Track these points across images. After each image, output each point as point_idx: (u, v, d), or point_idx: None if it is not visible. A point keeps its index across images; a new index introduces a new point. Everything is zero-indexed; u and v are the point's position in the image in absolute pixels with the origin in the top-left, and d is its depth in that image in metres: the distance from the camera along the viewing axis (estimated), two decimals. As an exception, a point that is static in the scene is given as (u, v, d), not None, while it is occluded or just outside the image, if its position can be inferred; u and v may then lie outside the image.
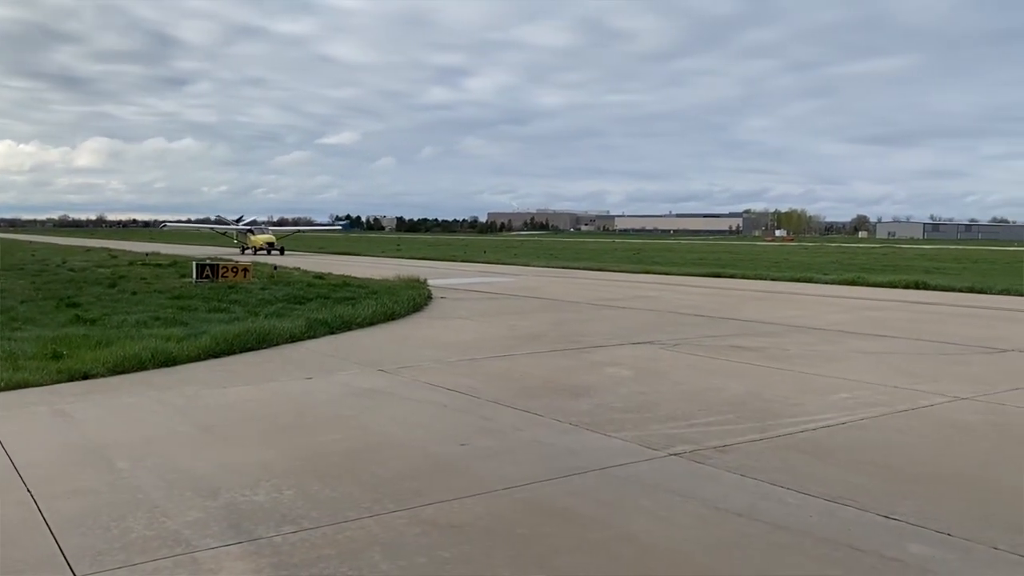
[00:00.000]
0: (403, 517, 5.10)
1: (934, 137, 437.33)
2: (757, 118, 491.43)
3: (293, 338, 12.53)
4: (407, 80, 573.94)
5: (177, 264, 30.81)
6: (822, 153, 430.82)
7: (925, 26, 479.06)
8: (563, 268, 36.78)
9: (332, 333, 13.48)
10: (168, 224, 70.40)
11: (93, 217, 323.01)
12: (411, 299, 17.79)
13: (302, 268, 30.36)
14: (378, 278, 24.02)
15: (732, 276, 30.38)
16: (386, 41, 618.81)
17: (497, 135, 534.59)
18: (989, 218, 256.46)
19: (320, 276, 24.93)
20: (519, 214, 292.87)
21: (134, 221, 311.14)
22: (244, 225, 59.14)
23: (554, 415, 7.84)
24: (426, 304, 18.64)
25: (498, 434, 7.16)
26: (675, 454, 6.53)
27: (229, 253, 47.05)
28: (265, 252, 50.44)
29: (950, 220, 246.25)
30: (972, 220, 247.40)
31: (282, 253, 50.60)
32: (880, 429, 7.41)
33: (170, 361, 10.43)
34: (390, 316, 15.58)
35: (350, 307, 15.59)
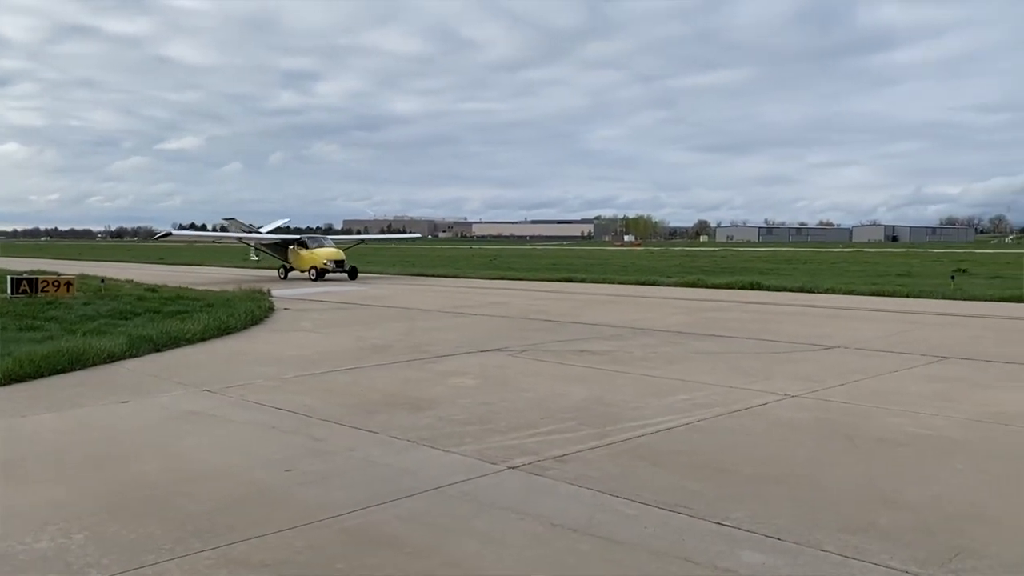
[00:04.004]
0: (210, 558, 4.57)
1: (767, 146, 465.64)
2: (606, 128, 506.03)
3: (112, 357, 11.49)
4: (253, 83, 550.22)
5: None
6: (667, 161, 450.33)
7: (754, 42, 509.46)
8: (419, 276, 36.32)
9: (158, 351, 12.48)
10: (172, 234, 39.25)
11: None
12: (249, 311, 16.86)
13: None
14: (217, 290, 22.74)
15: (583, 280, 30.93)
16: (229, 43, 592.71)
17: (350, 141, 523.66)
18: (816, 222, 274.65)
19: (152, 289, 23.30)
20: (376, 221, 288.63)
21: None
22: (269, 232, 39.15)
23: (392, 432, 7.45)
24: (267, 316, 17.74)
25: (328, 456, 6.69)
26: (513, 467, 6.30)
27: (260, 278, 32.46)
28: (321, 277, 32.10)
29: (782, 224, 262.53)
30: (802, 224, 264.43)
31: (353, 277, 32.62)
32: (715, 431, 7.48)
33: (-39, 389, 9.27)
34: (224, 331, 14.66)
35: (180, 322, 14.55)
